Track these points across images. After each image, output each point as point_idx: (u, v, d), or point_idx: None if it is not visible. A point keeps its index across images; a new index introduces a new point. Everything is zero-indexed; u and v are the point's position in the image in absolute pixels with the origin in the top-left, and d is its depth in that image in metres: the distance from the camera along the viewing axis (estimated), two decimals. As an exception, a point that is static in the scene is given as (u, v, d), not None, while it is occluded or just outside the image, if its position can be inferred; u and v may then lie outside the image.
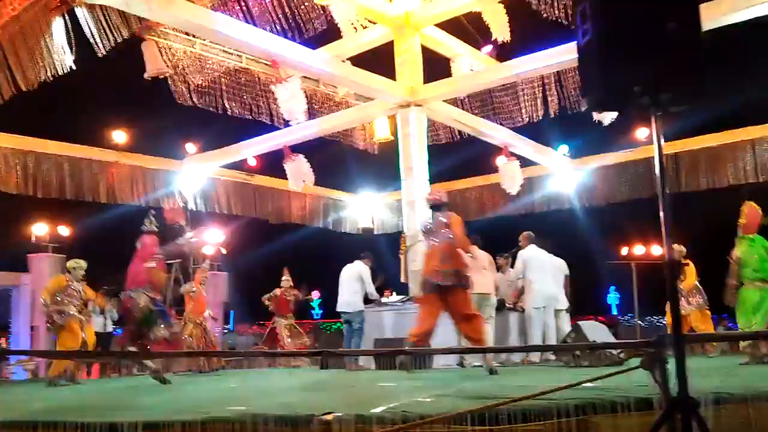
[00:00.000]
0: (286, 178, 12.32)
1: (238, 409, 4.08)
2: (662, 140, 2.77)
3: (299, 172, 11.80)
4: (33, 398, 6.25)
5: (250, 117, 11.84)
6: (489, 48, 12.00)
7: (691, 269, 9.89)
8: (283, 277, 12.42)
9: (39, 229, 16.84)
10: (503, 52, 11.39)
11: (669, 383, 3.07)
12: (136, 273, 8.03)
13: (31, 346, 15.52)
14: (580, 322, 8.50)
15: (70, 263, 9.54)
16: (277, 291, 12.24)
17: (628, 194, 13.59)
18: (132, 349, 8.04)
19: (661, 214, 2.80)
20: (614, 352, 7.05)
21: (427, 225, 7.43)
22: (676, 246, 9.88)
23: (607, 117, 10.44)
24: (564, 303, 9.70)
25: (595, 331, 8.07)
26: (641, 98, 2.62)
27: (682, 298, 9.71)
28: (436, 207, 7.50)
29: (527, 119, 12.14)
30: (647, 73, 2.54)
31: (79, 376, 9.12)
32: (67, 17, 7.21)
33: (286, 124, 10.22)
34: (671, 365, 3.02)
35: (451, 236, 7.10)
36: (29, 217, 16.92)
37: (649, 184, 13.06)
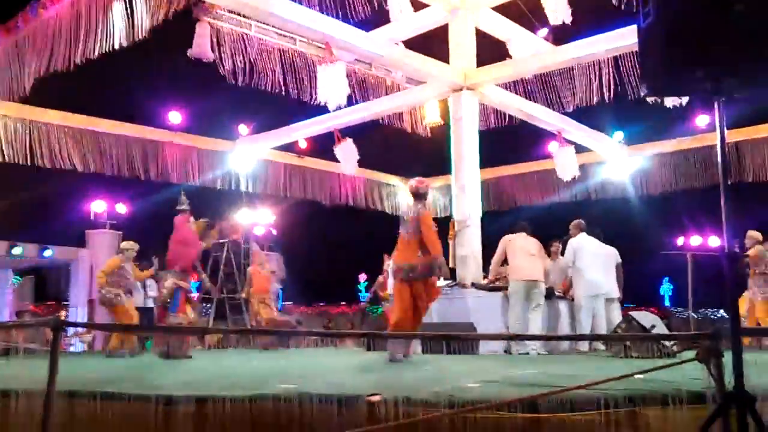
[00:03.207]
0: (337, 161, 12.44)
1: (286, 387, 4.14)
2: (725, 127, 2.68)
3: (349, 155, 11.93)
4: (90, 370, 6.46)
5: (303, 99, 11.89)
6: (545, 31, 11.78)
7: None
8: (386, 263, 12.61)
9: (97, 207, 17.35)
10: (560, 36, 11.15)
11: (725, 377, 3.00)
12: (171, 254, 8.41)
13: (87, 319, 16.05)
14: (631, 313, 8.34)
15: (124, 244, 9.90)
16: (380, 278, 12.43)
17: (685, 183, 13.26)
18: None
19: (723, 203, 2.71)
20: (667, 343, 6.90)
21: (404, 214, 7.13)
22: (752, 232, 9.71)
23: (671, 99, 10.15)
24: (615, 292, 9.52)
25: (647, 321, 7.91)
26: (704, 83, 2.54)
27: (753, 288, 9.64)
28: (418, 196, 7.18)
29: (581, 104, 11.90)
30: (711, 57, 2.45)
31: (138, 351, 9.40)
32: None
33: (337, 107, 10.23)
34: (727, 359, 2.95)
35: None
36: (88, 194, 17.44)
37: (707, 173, 12.71)
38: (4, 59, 8.91)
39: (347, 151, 11.98)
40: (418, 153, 15.71)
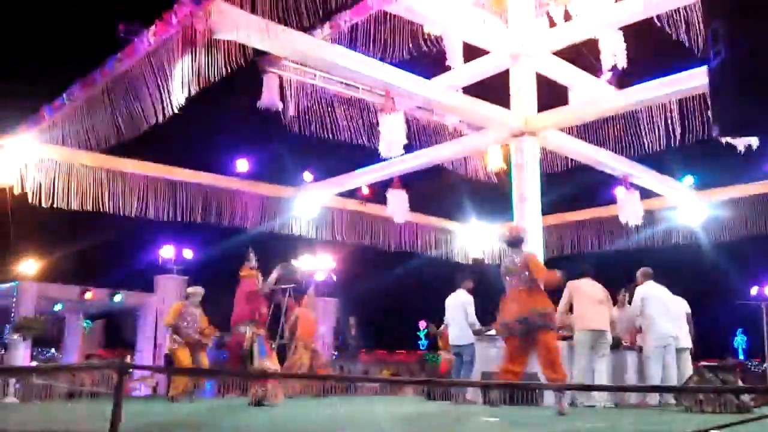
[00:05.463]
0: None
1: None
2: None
3: (400, 203, 12.00)
4: (151, 413, 6.51)
5: (366, 145, 12.02)
6: (608, 75, 11.63)
7: None
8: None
9: (166, 252, 17.82)
10: (624, 79, 10.99)
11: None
12: (240, 309, 8.40)
13: (154, 363, 16.32)
14: (703, 364, 7.96)
15: (190, 289, 10.05)
16: (443, 327, 12.28)
17: (759, 229, 12.73)
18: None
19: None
20: (744, 398, 6.53)
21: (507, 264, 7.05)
22: None
23: (742, 141, 9.83)
24: (686, 342, 9.13)
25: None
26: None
27: None
28: (514, 244, 7.24)
29: (648, 148, 11.62)
30: (788, 95, 2.34)
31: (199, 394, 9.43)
32: (193, 50, 7.59)
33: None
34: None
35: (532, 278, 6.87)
36: (157, 240, 17.95)
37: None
38: (84, 111, 9.32)
39: (398, 199, 12.13)
40: (481, 198, 15.63)
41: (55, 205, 10.44)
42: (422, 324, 26.51)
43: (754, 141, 9.87)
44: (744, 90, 2.41)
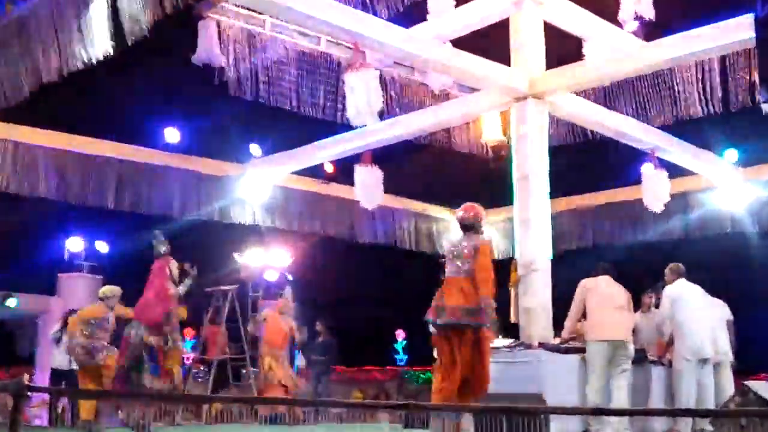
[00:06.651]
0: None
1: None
2: None
3: (371, 184, 11.78)
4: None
5: (329, 112, 11.98)
6: (634, 25, 11.68)
7: None
8: None
9: (73, 245, 17.63)
10: (653, 30, 11.06)
11: None
12: (144, 305, 8.50)
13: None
14: (748, 382, 8.17)
15: (104, 290, 10.01)
16: None
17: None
18: None
19: None
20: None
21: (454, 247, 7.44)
22: None
23: None
24: (726, 355, 9.34)
25: (769, 394, 7.73)
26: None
27: None
28: (469, 227, 7.59)
29: (680, 115, 11.78)
30: None
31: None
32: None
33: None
34: None
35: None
36: (62, 229, 17.74)
37: None
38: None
39: (369, 179, 11.80)
40: (474, 179, 15.70)
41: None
42: (400, 334, 26.71)
43: None
44: (797, 46, 2.48)
